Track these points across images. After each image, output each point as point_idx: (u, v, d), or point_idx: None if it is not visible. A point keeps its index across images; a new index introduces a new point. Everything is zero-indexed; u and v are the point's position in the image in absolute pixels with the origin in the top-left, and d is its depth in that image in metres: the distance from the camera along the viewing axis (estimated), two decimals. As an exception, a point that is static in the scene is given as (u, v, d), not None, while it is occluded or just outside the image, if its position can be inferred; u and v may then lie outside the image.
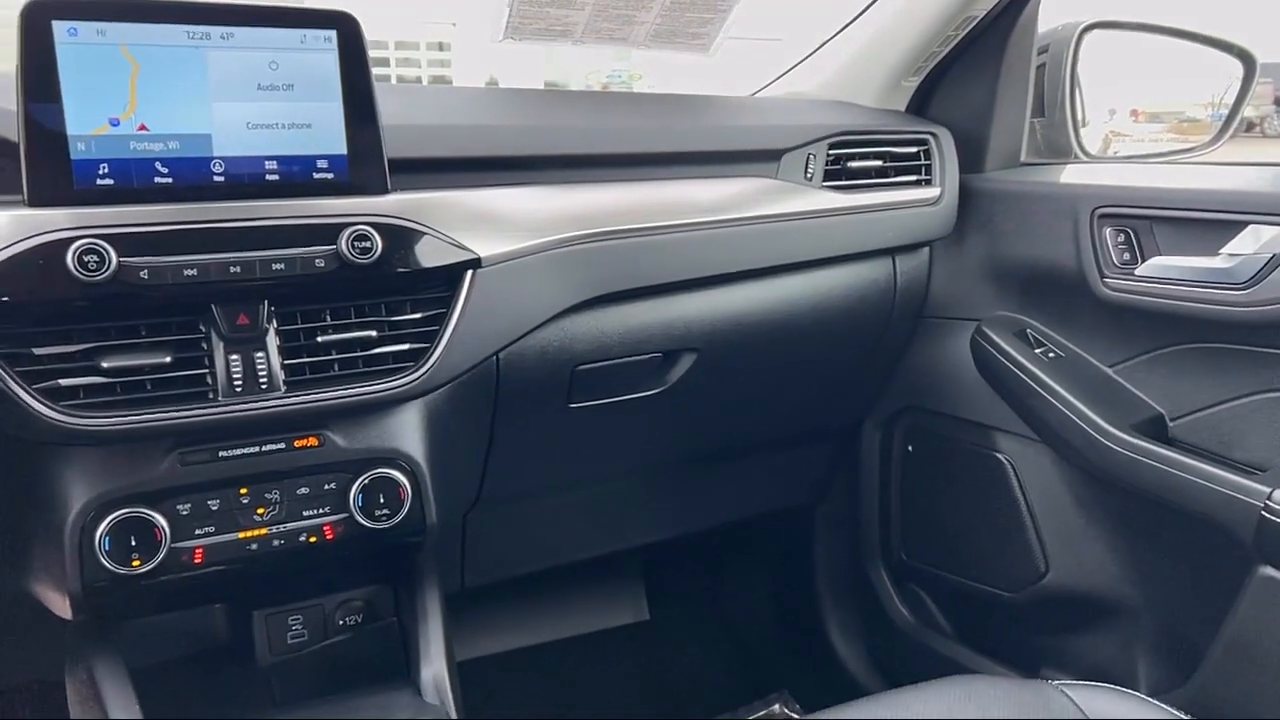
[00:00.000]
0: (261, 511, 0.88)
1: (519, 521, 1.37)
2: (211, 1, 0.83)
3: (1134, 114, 2.31)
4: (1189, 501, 1.12)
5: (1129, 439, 1.17)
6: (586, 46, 1.26)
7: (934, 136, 1.37)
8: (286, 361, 0.85)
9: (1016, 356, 1.29)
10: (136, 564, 0.82)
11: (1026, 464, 1.36)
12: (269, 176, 0.85)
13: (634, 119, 1.25)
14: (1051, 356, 1.29)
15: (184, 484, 0.84)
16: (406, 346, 0.90)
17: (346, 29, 0.87)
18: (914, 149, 1.36)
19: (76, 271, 0.75)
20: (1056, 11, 1.47)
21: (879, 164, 1.32)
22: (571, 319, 1.07)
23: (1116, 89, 1.83)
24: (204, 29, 0.82)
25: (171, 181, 0.82)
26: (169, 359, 0.81)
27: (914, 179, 1.35)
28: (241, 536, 0.87)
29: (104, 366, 0.78)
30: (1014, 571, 1.40)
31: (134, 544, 0.81)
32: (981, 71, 1.39)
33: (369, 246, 0.85)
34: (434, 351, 0.91)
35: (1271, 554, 1.05)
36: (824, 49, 1.46)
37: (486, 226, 0.96)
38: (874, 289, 1.37)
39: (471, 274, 0.93)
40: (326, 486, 0.90)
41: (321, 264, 0.84)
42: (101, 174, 0.79)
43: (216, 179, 0.83)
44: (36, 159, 0.77)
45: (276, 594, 1.01)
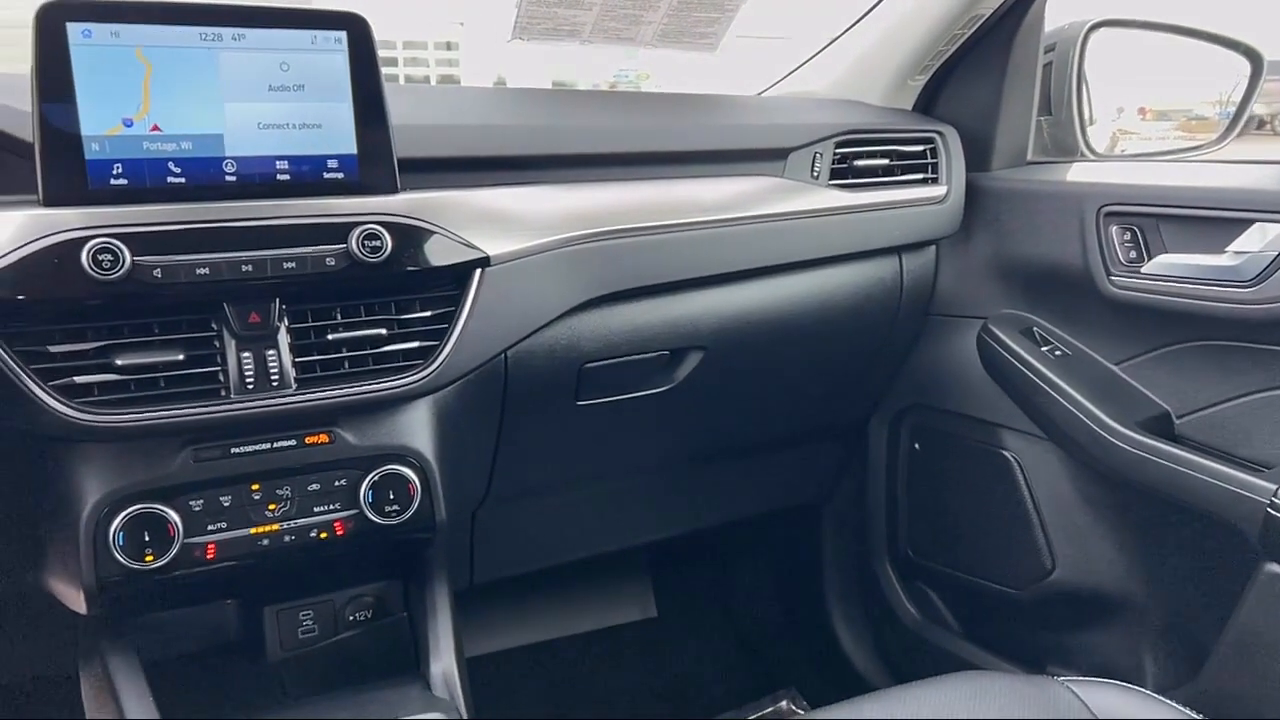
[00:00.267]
0: (273, 507, 0.89)
1: (527, 518, 1.38)
2: (223, 3, 0.84)
3: (1142, 112, 2.31)
4: (1195, 499, 1.12)
5: (1135, 436, 1.17)
6: (594, 46, 1.27)
7: (940, 135, 1.37)
8: (297, 359, 0.86)
9: (1023, 354, 1.29)
10: (150, 559, 0.83)
11: (1033, 461, 1.36)
12: (280, 176, 0.86)
13: (641, 118, 1.25)
14: (1058, 354, 1.29)
15: (196, 480, 0.85)
16: (416, 344, 0.91)
17: (356, 30, 0.88)
18: (920, 147, 1.36)
19: (91, 270, 0.76)
20: (1063, 10, 1.47)
21: (885, 162, 1.33)
22: (579, 317, 1.08)
23: (1125, 87, 1.83)
24: (216, 30, 0.83)
25: (184, 181, 0.83)
26: (182, 356, 0.82)
27: (920, 177, 1.35)
28: (253, 532, 0.88)
29: (118, 364, 0.79)
30: (1020, 569, 1.40)
31: (147, 539, 0.82)
32: (988, 70, 1.39)
33: (379, 245, 0.86)
34: (443, 349, 0.92)
35: (1277, 551, 1.06)
36: (831, 48, 1.47)
37: (495, 225, 0.97)
38: (880, 287, 1.37)
39: (480, 273, 0.94)
40: (337, 483, 0.91)
41: (332, 263, 0.85)
42: (115, 174, 0.80)
43: (228, 179, 0.84)
44: (51, 159, 0.78)
45: (287, 590, 1.02)
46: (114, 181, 0.80)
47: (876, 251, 1.35)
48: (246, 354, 0.84)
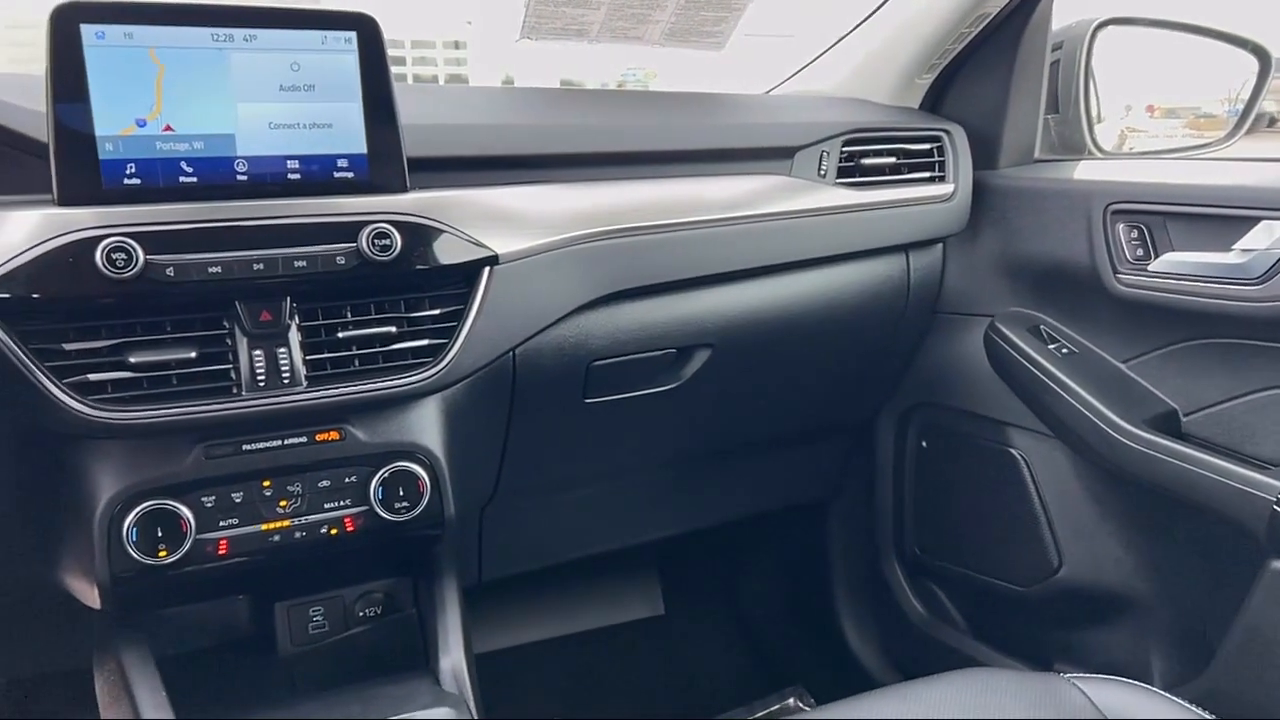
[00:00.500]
0: (284, 504, 0.89)
1: (535, 516, 1.38)
2: (235, 4, 0.85)
3: (1150, 109, 2.30)
4: (1202, 496, 1.12)
5: (1142, 434, 1.17)
6: (602, 45, 1.28)
7: (948, 133, 1.38)
8: (308, 357, 0.87)
9: (1030, 352, 1.29)
10: (163, 554, 0.83)
11: (1040, 459, 1.36)
12: (291, 175, 0.87)
13: (649, 117, 1.26)
14: (1065, 352, 1.29)
15: (208, 477, 0.86)
16: (425, 342, 0.92)
17: (366, 31, 0.88)
18: (928, 146, 1.36)
19: (105, 269, 0.77)
20: (1071, 9, 1.47)
21: (893, 161, 1.33)
22: (587, 315, 1.08)
23: (1133, 85, 1.83)
24: (228, 31, 0.83)
25: (196, 181, 0.83)
26: (194, 354, 0.82)
27: (928, 176, 1.35)
28: (264, 528, 0.88)
29: (131, 361, 0.80)
30: (1028, 566, 1.40)
31: (160, 535, 0.83)
32: (995, 68, 1.39)
33: (389, 244, 0.87)
34: (452, 347, 0.92)
35: (1284, 548, 1.06)
36: (838, 47, 1.47)
37: (503, 224, 0.97)
38: (888, 285, 1.37)
39: (489, 271, 0.95)
40: (347, 479, 0.92)
41: (342, 261, 0.86)
42: (129, 174, 0.81)
43: (240, 178, 0.85)
44: (66, 159, 0.79)
45: (298, 586, 1.03)
46: (127, 181, 0.81)
47: (883, 250, 1.35)
48: (258, 352, 0.85)
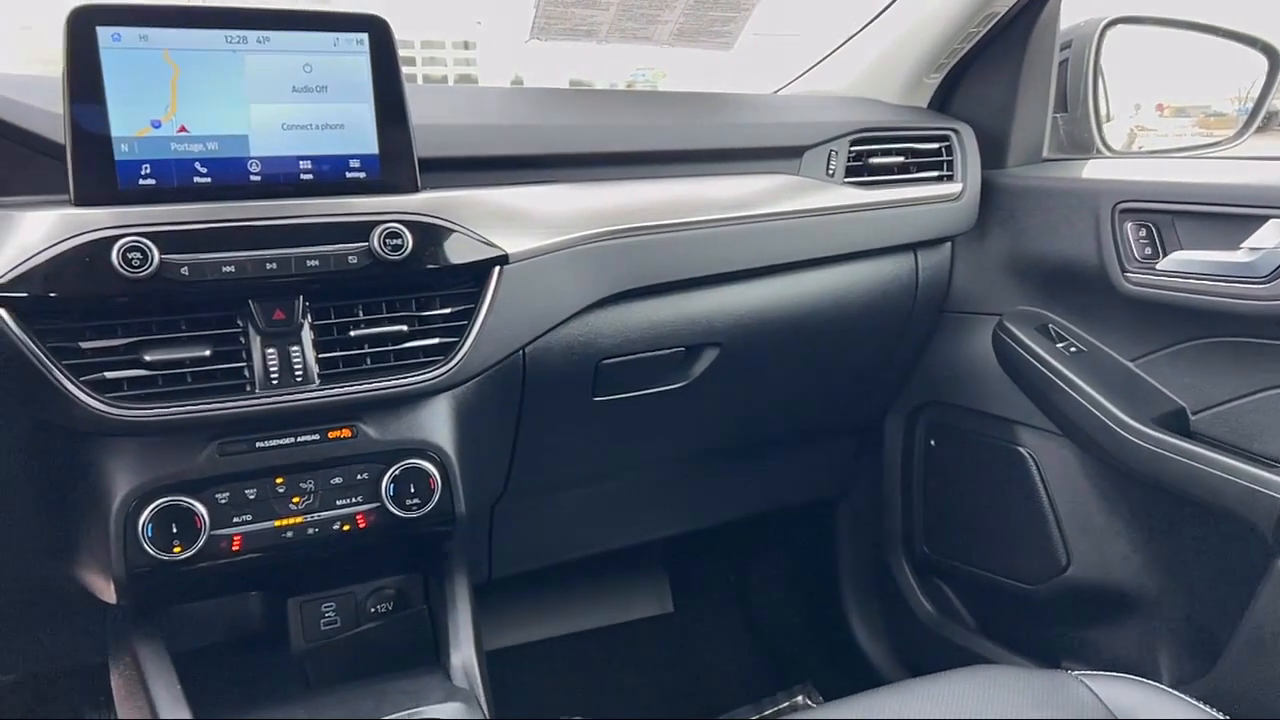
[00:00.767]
0: (297, 500, 0.90)
1: (545, 513, 1.39)
2: (249, 7, 0.86)
3: (1160, 108, 2.29)
4: (1210, 495, 1.12)
5: (1150, 433, 1.18)
6: (611, 45, 1.28)
7: (956, 133, 1.38)
8: (320, 355, 0.88)
9: (1038, 351, 1.29)
10: (178, 550, 0.84)
11: (1048, 458, 1.36)
12: (303, 176, 0.88)
13: (658, 117, 1.26)
14: (1073, 351, 1.29)
15: (223, 473, 0.87)
16: (436, 341, 0.93)
17: (378, 32, 0.89)
18: (936, 145, 1.36)
19: (121, 268, 0.78)
20: (1080, 7, 1.47)
21: (901, 160, 1.33)
22: (596, 314, 1.09)
23: (1143, 83, 1.83)
24: (241, 33, 0.84)
25: (210, 181, 0.84)
26: (208, 352, 0.83)
27: (936, 175, 1.36)
28: (277, 525, 0.89)
29: (146, 359, 0.81)
30: (1036, 565, 1.41)
31: (175, 531, 0.84)
32: (1003, 68, 1.39)
33: (400, 243, 0.88)
34: (462, 346, 0.93)
35: (1292, 547, 1.06)
36: (846, 46, 1.47)
37: (513, 224, 0.98)
38: (896, 284, 1.38)
39: (499, 270, 0.95)
40: (359, 476, 0.93)
41: (354, 260, 0.87)
42: (144, 174, 0.82)
43: (253, 178, 0.86)
44: (82, 160, 0.80)
45: (310, 582, 1.04)
46: (143, 181, 0.82)
47: (892, 249, 1.35)
48: (271, 350, 0.86)
